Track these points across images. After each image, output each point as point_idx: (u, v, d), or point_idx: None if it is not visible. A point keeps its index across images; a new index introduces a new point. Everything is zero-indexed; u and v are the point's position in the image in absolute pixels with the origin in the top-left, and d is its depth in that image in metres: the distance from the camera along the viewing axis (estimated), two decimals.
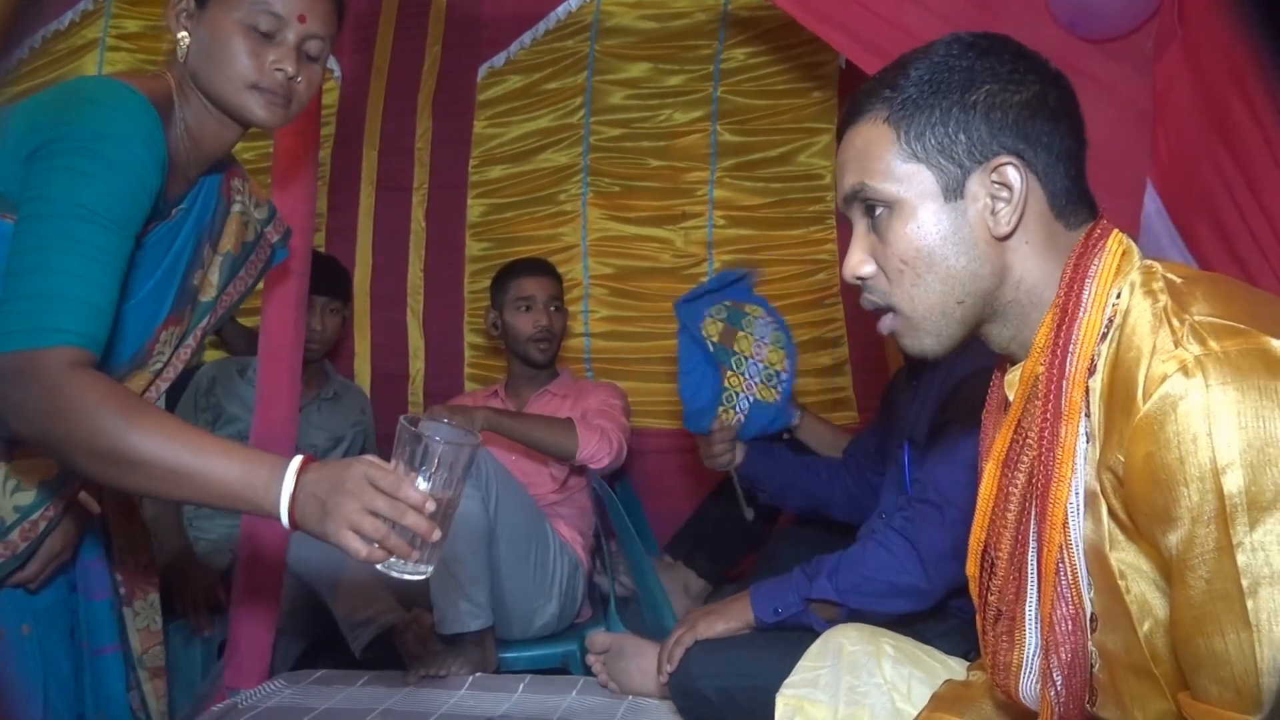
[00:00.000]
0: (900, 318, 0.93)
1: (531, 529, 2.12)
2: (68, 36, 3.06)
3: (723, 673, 1.46)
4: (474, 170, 3.08)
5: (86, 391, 1.00)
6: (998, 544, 0.94)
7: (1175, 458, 0.72)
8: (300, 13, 1.21)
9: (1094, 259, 0.86)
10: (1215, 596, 0.72)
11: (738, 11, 2.91)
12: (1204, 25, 1.56)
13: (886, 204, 0.90)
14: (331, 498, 0.99)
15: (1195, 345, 0.74)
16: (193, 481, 1.01)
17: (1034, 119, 0.88)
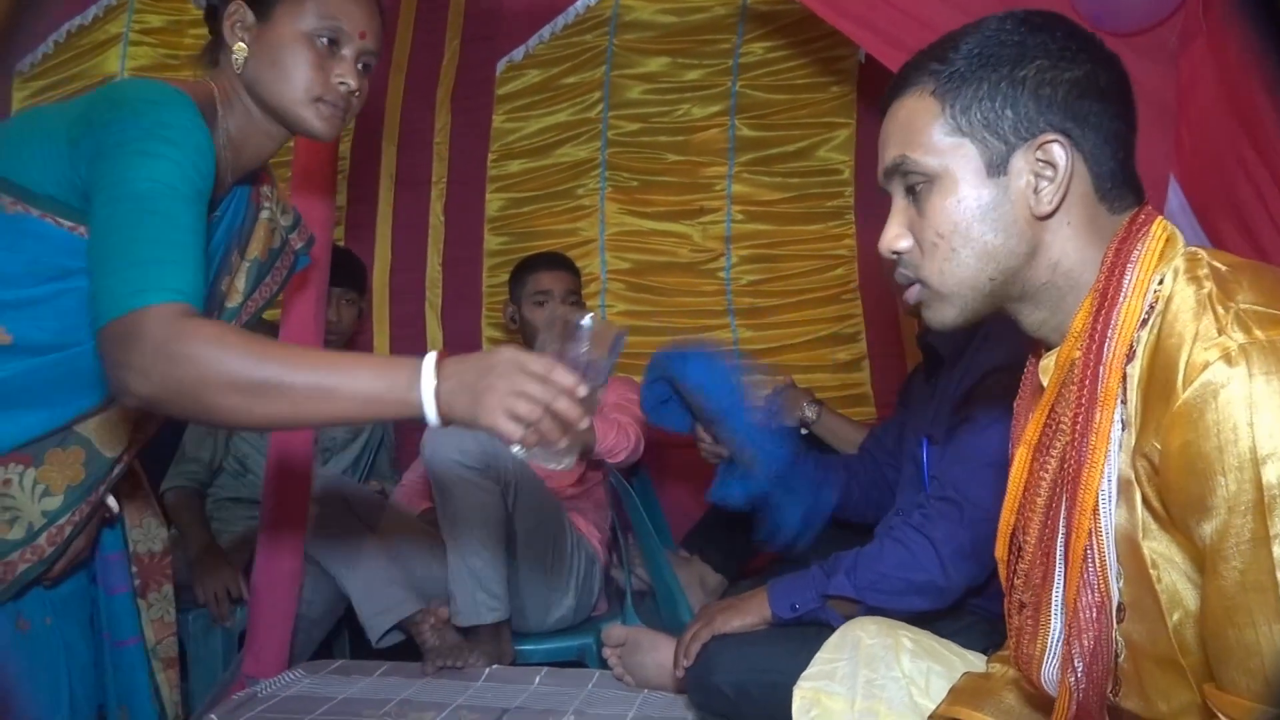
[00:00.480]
0: (928, 290, 0.92)
1: (550, 522, 2.12)
2: (91, 31, 3.08)
3: (738, 667, 1.46)
4: (492, 165, 3.08)
5: (205, 334, 1.00)
6: (1026, 528, 0.93)
7: (1214, 446, 0.72)
8: (362, 29, 1.25)
9: (1137, 244, 0.85)
10: (1248, 588, 0.72)
11: (756, 6, 2.90)
12: (1228, 20, 1.55)
13: (927, 177, 0.89)
14: (482, 381, 0.98)
15: (1239, 333, 0.73)
16: (336, 396, 1.00)
17: (1084, 98, 0.86)
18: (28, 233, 1.11)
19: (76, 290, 1.14)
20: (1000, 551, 0.98)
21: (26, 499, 1.17)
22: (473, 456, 1.96)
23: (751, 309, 2.96)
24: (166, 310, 1.00)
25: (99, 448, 1.22)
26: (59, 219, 1.12)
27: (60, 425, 1.18)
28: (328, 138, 1.29)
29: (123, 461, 1.27)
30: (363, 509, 2.19)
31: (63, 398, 1.18)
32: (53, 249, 1.12)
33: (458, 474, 1.97)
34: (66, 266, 1.13)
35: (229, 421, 1.02)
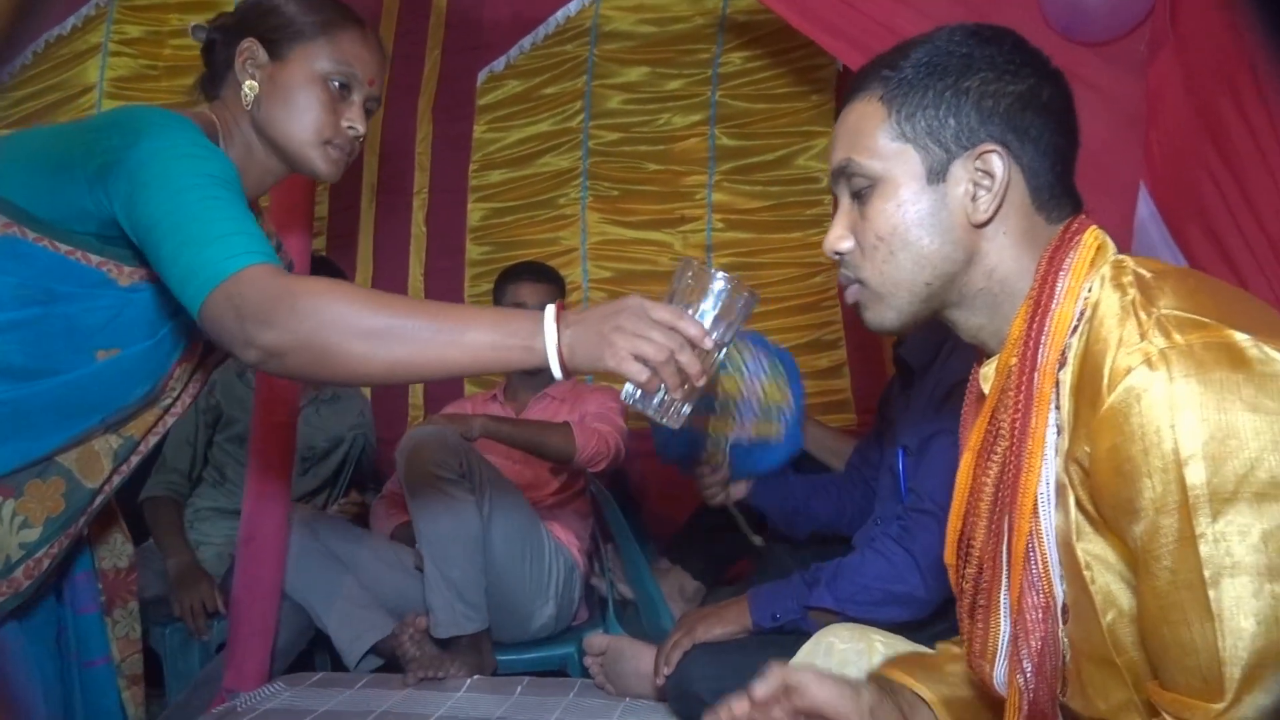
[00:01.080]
0: (867, 290, 0.94)
1: (526, 531, 2.12)
2: (70, 41, 3.07)
3: (718, 675, 1.47)
4: (474, 174, 3.09)
5: (321, 285, 1.00)
6: (973, 533, 0.96)
7: (1139, 449, 0.73)
8: (372, 76, 1.28)
9: (1069, 252, 0.87)
10: (1180, 586, 0.73)
11: (735, 16, 2.93)
12: (1195, 29, 1.57)
13: (871, 180, 0.91)
14: (608, 324, 0.97)
15: (1160, 338, 0.75)
16: (460, 340, 0.98)
17: (1025, 111, 0.88)
18: (17, 255, 1.11)
19: (61, 316, 1.14)
20: (949, 556, 1.01)
21: (5, 531, 1.15)
22: (446, 467, 1.97)
23: None
24: (268, 268, 1.01)
25: (80, 478, 1.21)
26: (57, 243, 1.11)
27: (41, 456, 1.17)
28: (330, 179, 1.29)
29: (103, 493, 1.26)
30: (334, 541, 2.19)
31: (44, 428, 1.17)
32: (41, 272, 1.12)
33: (434, 484, 1.97)
34: (54, 290, 1.12)
35: (351, 370, 0.99)
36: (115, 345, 1.18)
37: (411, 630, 2.00)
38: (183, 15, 3.09)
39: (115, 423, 1.24)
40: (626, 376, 0.96)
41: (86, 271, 1.14)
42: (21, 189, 1.12)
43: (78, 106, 3.07)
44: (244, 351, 1.00)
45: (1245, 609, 0.70)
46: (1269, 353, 0.72)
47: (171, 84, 3.08)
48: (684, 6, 2.97)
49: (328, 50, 1.24)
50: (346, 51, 1.25)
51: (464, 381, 3.07)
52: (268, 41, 1.24)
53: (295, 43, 1.24)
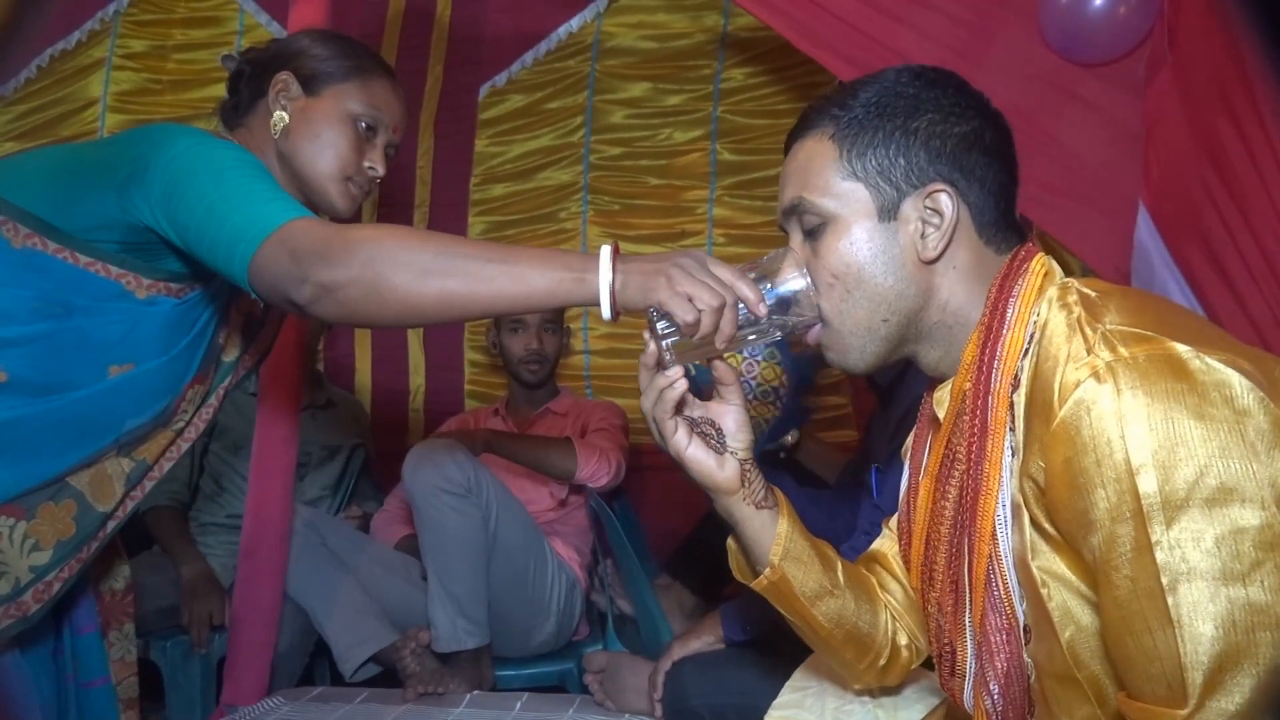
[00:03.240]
0: (828, 330, 0.95)
1: (529, 547, 2.12)
2: (74, 56, 3.09)
3: (714, 691, 1.47)
4: (475, 188, 3.11)
5: (367, 226, 1.01)
6: (934, 557, 0.97)
7: (1092, 461, 0.75)
8: (397, 124, 1.33)
9: (1017, 280, 0.90)
10: (1140, 595, 0.74)
11: (737, 33, 2.95)
12: (1194, 50, 1.58)
13: (823, 218, 0.93)
14: (665, 263, 0.94)
15: (1106, 352, 0.77)
16: (513, 270, 0.96)
17: (970, 152, 0.92)
18: (34, 267, 1.11)
19: (76, 329, 1.14)
20: (914, 581, 1.02)
21: (15, 553, 1.15)
22: (454, 482, 1.97)
23: None
24: (311, 221, 1.03)
25: (91, 501, 1.21)
26: (77, 254, 1.12)
27: (53, 477, 1.17)
28: (344, 215, 1.31)
29: (115, 518, 1.26)
30: (338, 544, 2.19)
31: (57, 447, 1.17)
32: (59, 284, 1.12)
33: (439, 500, 1.97)
34: (70, 303, 1.13)
35: (403, 303, 0.97)
36: (129, 360, 1.19)
37: (413, 645, 2.00)
38: (186, 30, 3.12)
39: (128, 444, 1.25)
40: (672, 311, 0.92)
41: (104, 284, 1.15)
42: (43, 201, 1.12)
43: (81, 120, 3.09)
44: (298, 290, 0.99)
45: (1203, 614, 0.71)
46: (1209, 363, 0.74)
47: (175, 98, 3.10)
48: (685, 23, 2.99)
49: (360, 93, 1.28)
50: (377, 97, 1.29)
51: (464, 395, 3.08)
52: (303, 77, 1.28)
53: (330, 82, 1.28)
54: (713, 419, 1.02)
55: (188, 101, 3.10)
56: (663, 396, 0.99)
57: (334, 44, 1.31)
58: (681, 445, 1.00)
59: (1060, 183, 1.73)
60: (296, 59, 1.29)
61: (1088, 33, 1.69)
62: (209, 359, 1.31)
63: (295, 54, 1.30)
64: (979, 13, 1.74)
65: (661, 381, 0.99)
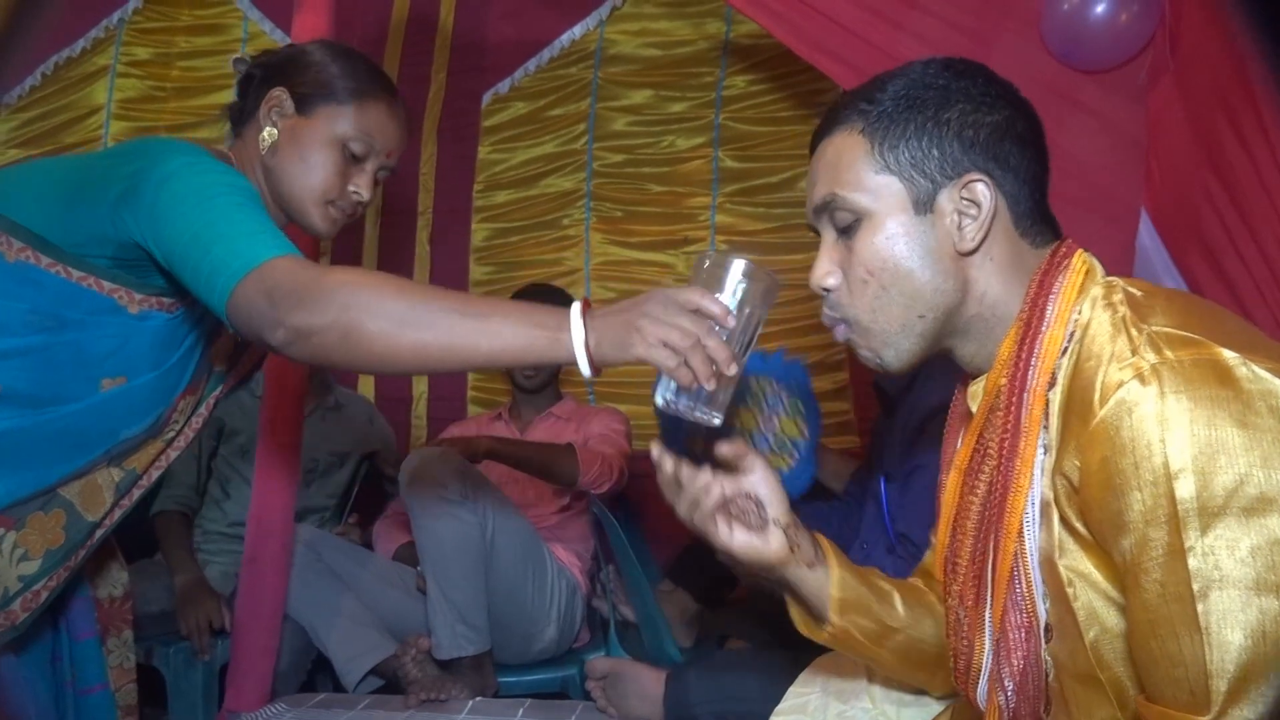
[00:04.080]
0: (857, 327, 0.94)
1: (528, 553, 2.12)
2: (79, 63, 3.11)
3: (717, 698, 1.47)
4: (478, 195, 3.11)
5: (346, 271, 1.01)
6: (959, 551, 0.97)
7: (1130, 462, 0.74)
8: (391, 149, 1.30)
9: (1058, 276, 0.89)
10: (1168, 599, 0.74)
11: (739, 40, 2.95)
12: (1196, 57, 1.59)
13: (857, 214, 0.92)
14: (634, 312, 0.94)
15: (1151, 354, 0.76)
16: (487, 326, 0.96)
17: (1003, 141, 0.90)
18: (28, 280, 1.11)
19: (69, 343, 1.14)
20: (937, 573, 1.02)
21: (4, 563, 1.15)
22: (450, 490, 1.97)
23: None
24: (298, 259, 1.02)
25: (81, 511, 1.21)
26: (69, 269, 1.12)
27: (45, 487, 1.17)
28: (325, 237, 1.32)
29: (104, 526, 1.26)
30: (336, 560, 2.20)
31: (49, 459, 1.17)
32: (52, 298, 1.12)
33: (436, 507, 1.98)
34: (63, 317, 1.13)
35: (377, 353, 0.97)
36: (121, 374, 1.18)
37: (414, 652, 2.00)
38: (190, 38, 3.13)
39: (118, 455, 1.24)
40: (656, 364, 0.94)
41: (97, 298, 1.14)
42: (37, 216, 1.12)
43: (85, 127, 3.10)
44: (272, 333, 0.99)
45: (1233, 622, 0.71)
46: (1256, 371, 0.74)
47: (179, 105, 3.11)
48: (688, 30, 3.00)
49: (353, 116, 1.25)
50: (371, 121, 1.26)
51: (467, 401, 3.08)
52: (297, 95, 1.25)
53: (323, 102, 1.25)
54: (745, 491, 1.00)
55: (191, 109, 3.11)
56: (701, 504, 0.98)
57: (339, 63, 1.28)
58: (727, 538, 0.98)
59: (1062, 189, 1.71)
60: (296, 74, 1.27)
61: (1089, 39, 1.69)
62: (201, 371, 1.31)
63: (296, 69, 1.27)
64: (980, 19, 1.75)
65: (694, 490, 0.98)
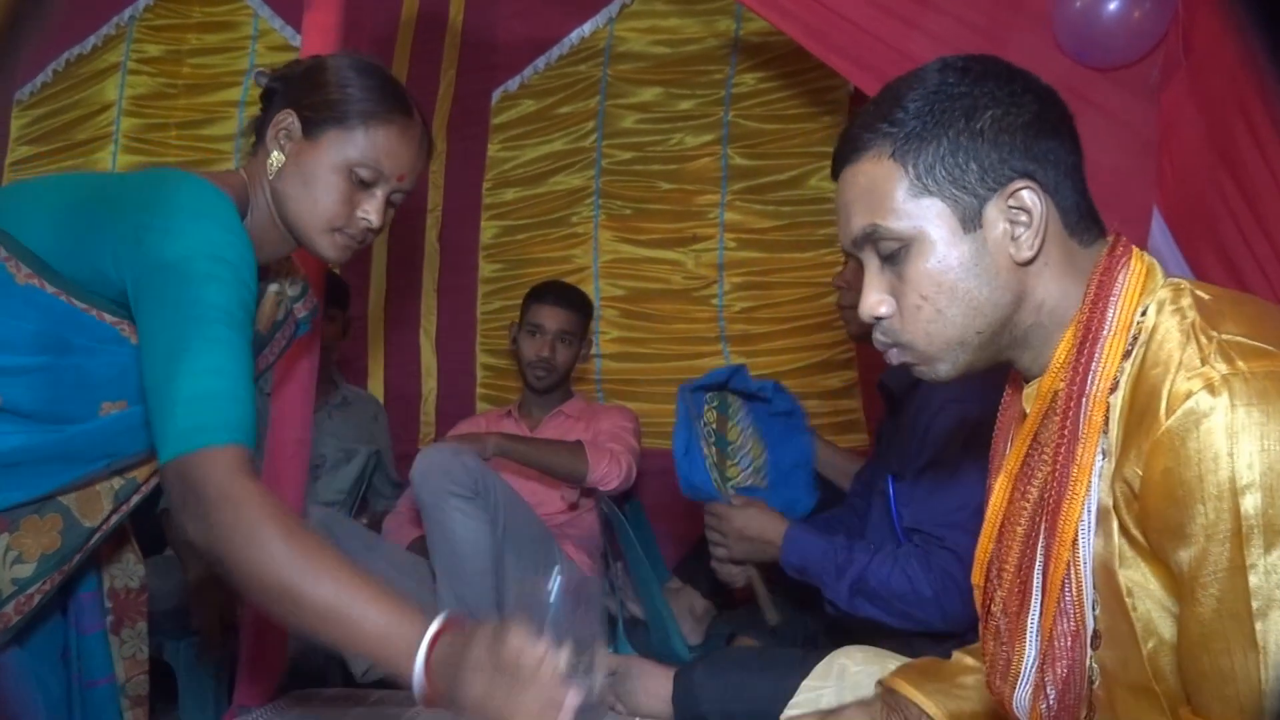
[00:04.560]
0: (913, 352, 0.91)
1: (539, 550, 2.13)
2: (90, 60, 3.12)
3: (725, 696, 1.47)
4: (487, 192, 3.11)
5: (253, 514, 0.97)
6: (1005, 556, 0.94)
7: (1194, 475, 0.73)
8: (402, 172, 1.24)
9: (1118, 276, 0.86)
10: (1225, 615, 0.73)
11: (749, 37, 2.94)
12: (1208, 55, 1.58)
13: (902, 240, 0.88)
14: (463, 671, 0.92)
15: (1222, 364, 0.74)
16: (345, 629, 0.96)
17: (1039, 138, 0.87)
18: (35, 304, 1.11)
19: (74, 367, 1.13)
20: (977, 577, 0.99)
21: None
22: (461, 485, 1.97)
23: (744, 336, 2.97)
24: (226, 459, 0.99)
25: (78, 517, 1.20)
26: (74, 299, 1.11)
27: (40, 495, 1.16)
28: (336, 263, 1.29)
29: (101, 531, 1.24)
30: (350, 545, 2.20)
31: (49, 473, 1.16)
32: (57, 322, 1.11)
33: (446, 502, 1.98)
34: (69, 341, 1.12)
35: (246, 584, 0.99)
36: (123, 398, 1.16)
37: None
38: (201, 35, 3.14)
39: (120, 468, 1.23)
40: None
41: (100, 327, 1.13)
42: (47, 243, 1.11)
43: (97, 124, 3.11)
44: (184, 523, 1.01)
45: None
46: None
47: (190, 102, 3.12)
48: (697, 28, 2.99)
49: (360, 142, 1.20)
50: (380, 146, 1.21)
51: (476, 399, 3.09)
52: (304, 118, 1.21)
53: (330, 127, 1.20)
54: None
55: (202, 105, 3.12)
56: None
57: (351, 83, 1.22)
58: None
59: None
60: (307, 95, 1.22)
61: (1101, 37, 1.68)
62: None
63: (307, 88, 1.23)
64: (991, 17, 1.74)
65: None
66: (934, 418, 1.56)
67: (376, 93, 1.22)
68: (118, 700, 1.37)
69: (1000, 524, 0.96)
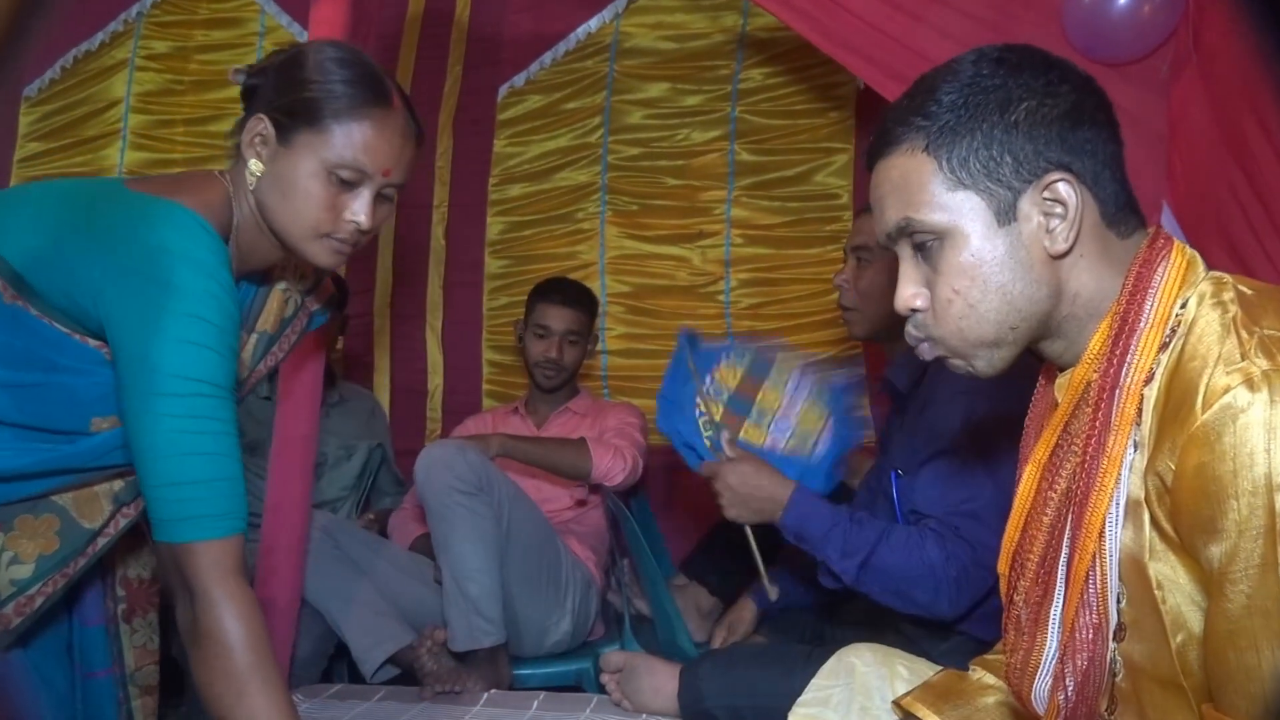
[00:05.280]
0: (945, 347, 0.90)
1: (543, 545, 2.13)
2: (98, 57, 3.12)
3: (731, 692, 1.47)
4: (494, 188, 3.12)
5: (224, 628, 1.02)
6: (1030, 546, 0.93)
7: (1229, 470, 0.72)
8: (387, 166, 1.16)
9: (1158, 268, 0.85)
10: (1254, 612, 0.72)
11: (755, 33, 2.94)
12: (1218, 49, 1.57)
13: (937, 234, 0.87)
14: None
15: (1263, 359, 0.74)
16: None
17: (1076, 129, 0.85)
18: (22, 324, 1.09)
19: (61, 386, 1.11)
20: (1003, 566, 0.98)
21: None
22: (465, 481, 1.97)
23: (750, 332, 2.97)
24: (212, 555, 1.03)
25: (76, 518, 1.18)
26: (55, 322, 1.09)
27: (33, 495, 1.15)
28: (331, 269, 1.24)
29: (106, 535, 1.23)
30: (353, 547, 2.20)
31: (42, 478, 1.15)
32: (43, 343, 1.09)
33: (451, 498, 1.98)
34: (55, 361, 1.10)
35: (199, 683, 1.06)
36: (113, 414, 1.14)
37: (430, 643, 2.01)
38: (208, 31, 3.14)
39: (118, 474, 1.22)
40: None
41: (85, 350, 1.10)
42: (30, 262, 1.08)
43: (104, 120, 3.12)
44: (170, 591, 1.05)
45: None
46: None
47: (197, 99, 3.13)
48: (704, 23, 2.99)
49: (337, 142, 1.13)
50: (358, 143, 1.13)
51: (482, 395, 3.09)
52: (277, 122, 1.15)
53: (302, 129, 1.14)
54: None
55: (209, 102, 3.12)
56: None
57: (321, 78, 1.15)
58: None
59: None
60: (279, 95, 1.16)
61: (1111, 32, 1.67)
62: None
63: (280, 87, 1.16)
64: (1001, 11, 1.74)
65: None
66: (941, 410, 1.55)
67: (349, 85, 1.15)
68: (116, 691, 1.37)
69: (1027, 514, 0.95)
